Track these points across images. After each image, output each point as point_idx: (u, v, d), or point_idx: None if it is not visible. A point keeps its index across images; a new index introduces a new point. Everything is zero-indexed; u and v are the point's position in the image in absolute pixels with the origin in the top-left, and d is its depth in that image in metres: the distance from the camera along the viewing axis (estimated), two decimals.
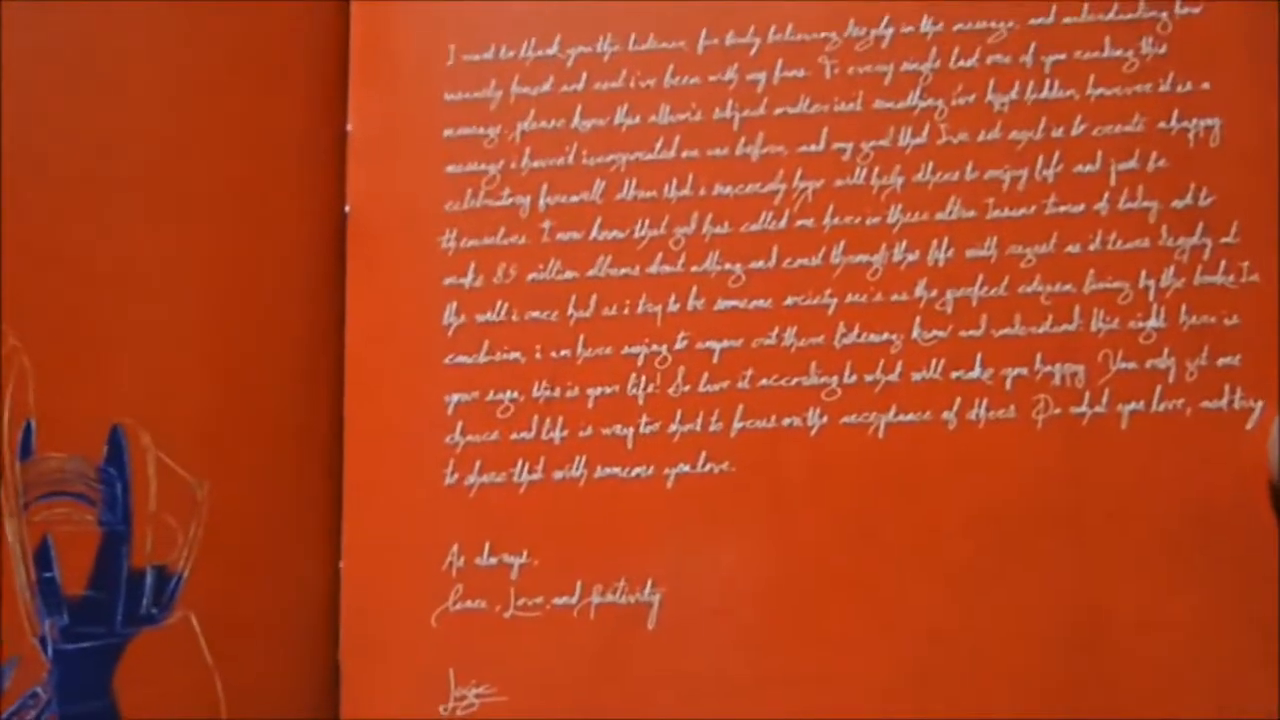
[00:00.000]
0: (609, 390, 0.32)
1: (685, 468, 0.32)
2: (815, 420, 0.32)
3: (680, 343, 0.33)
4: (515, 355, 0.33)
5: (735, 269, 0.33)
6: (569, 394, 0.33)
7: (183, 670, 0.31)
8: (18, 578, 0.30)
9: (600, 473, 0.32)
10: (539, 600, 0.32)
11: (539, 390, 0.33)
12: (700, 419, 0.32)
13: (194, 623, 0.31)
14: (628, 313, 0.33)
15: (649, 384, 0.32)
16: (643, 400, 0.32)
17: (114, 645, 0.30)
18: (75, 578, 0.30)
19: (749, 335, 0.32)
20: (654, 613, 0.32)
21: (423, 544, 0.32)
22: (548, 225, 0.33)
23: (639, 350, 0.33)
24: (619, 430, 0.32)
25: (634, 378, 0.32)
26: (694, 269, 0.33)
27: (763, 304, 0.33)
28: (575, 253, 0.33)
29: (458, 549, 0.32)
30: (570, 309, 0.33)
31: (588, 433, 0.32)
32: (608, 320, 0.33)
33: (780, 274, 0.33)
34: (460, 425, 0.33)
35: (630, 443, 0.32)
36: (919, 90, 0.33)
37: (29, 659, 0.30)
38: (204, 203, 0.32)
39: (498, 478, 0.32)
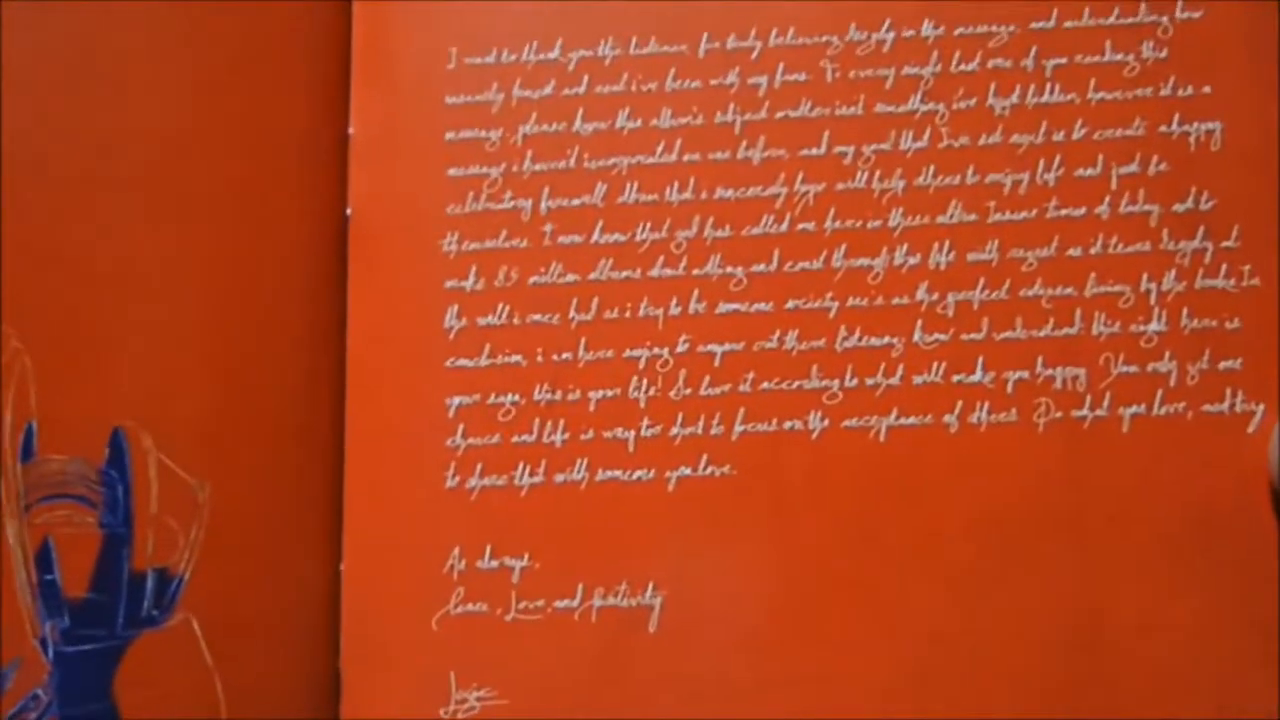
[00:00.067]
0: (610, 393, 0.32)
1: (686, 471, 0.32)
2: (816, 423, 0.32)
3: (681, 346, 0.33)
4: (516, 358, 0.33)
5: (737, 272, 0.33)
6: (570, 397, 0.33)
7: (183, 672, 0.31)
8: (19, 580, 0.29)
9: (601, 476, 0.32)
10: (540, 603, 0.32)
11: (540, 393, 0.33)
12: (701, 422, 0.32)
13: (195, 625, 0.31)
14: (629, 316, 0.33)
15: (650, 387, 0.32)
16: (644, 403, 0.32)
17: (115, 647, 0.30)
18: (76, 580, 0.30)
19: (750, 338, 0.32)
20: (655, 616, 0.32)
21: (424, 547, 0.32)
22: (549, 228, 0.33)
23: (640, 353, 0.33)
24: (620, 433, 0.32)
25: (635, 381, 0.32)
26: (695, 272, 0.33)
27: (764, 307, 0.33)
28: (577, 256, 0.33)
29: (459, 552, 0.32)
30: (572, 312, 0.33)
31: (589, 436, 0.32)
32: (609, 323, 0.33)
33: (781, 277, 0.33)
34: (461, 428, 0.33)
35: (631, 446, 0.32)
36: (920, 94, 0.33)
37: (30, 661, 0.29)
38: (205, 205, 0.32)
39: (499, 480, 0.32)
